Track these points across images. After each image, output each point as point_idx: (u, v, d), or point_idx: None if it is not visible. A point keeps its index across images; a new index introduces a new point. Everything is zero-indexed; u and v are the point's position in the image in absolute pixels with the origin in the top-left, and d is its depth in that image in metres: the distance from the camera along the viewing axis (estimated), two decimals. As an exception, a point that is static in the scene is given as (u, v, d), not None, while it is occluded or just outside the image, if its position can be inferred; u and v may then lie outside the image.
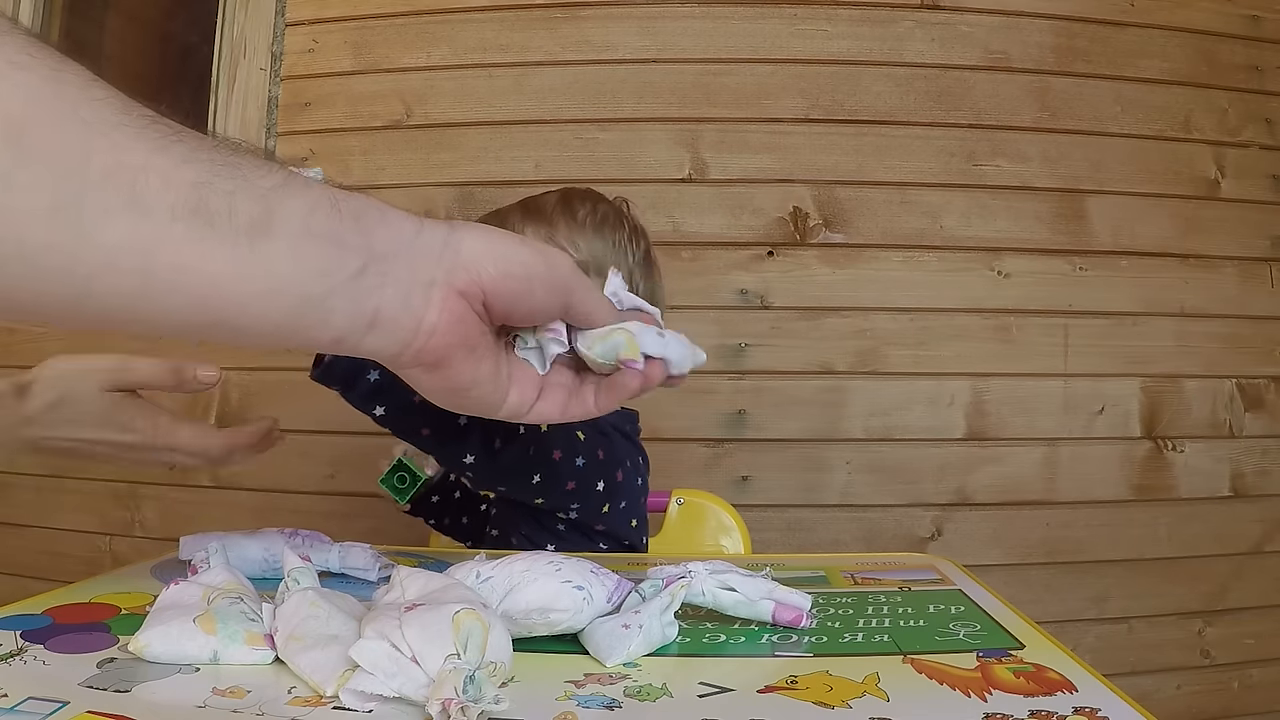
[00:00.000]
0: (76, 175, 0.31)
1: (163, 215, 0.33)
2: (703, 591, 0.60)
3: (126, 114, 0.33)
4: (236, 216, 0.35)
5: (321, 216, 0.38)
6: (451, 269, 0.43)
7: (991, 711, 0.45)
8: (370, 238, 0.40)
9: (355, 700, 0.45)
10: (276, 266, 0.37)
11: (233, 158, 0.36)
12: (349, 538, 0.78)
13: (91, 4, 1.97)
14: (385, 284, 0.41)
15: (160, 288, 0.35)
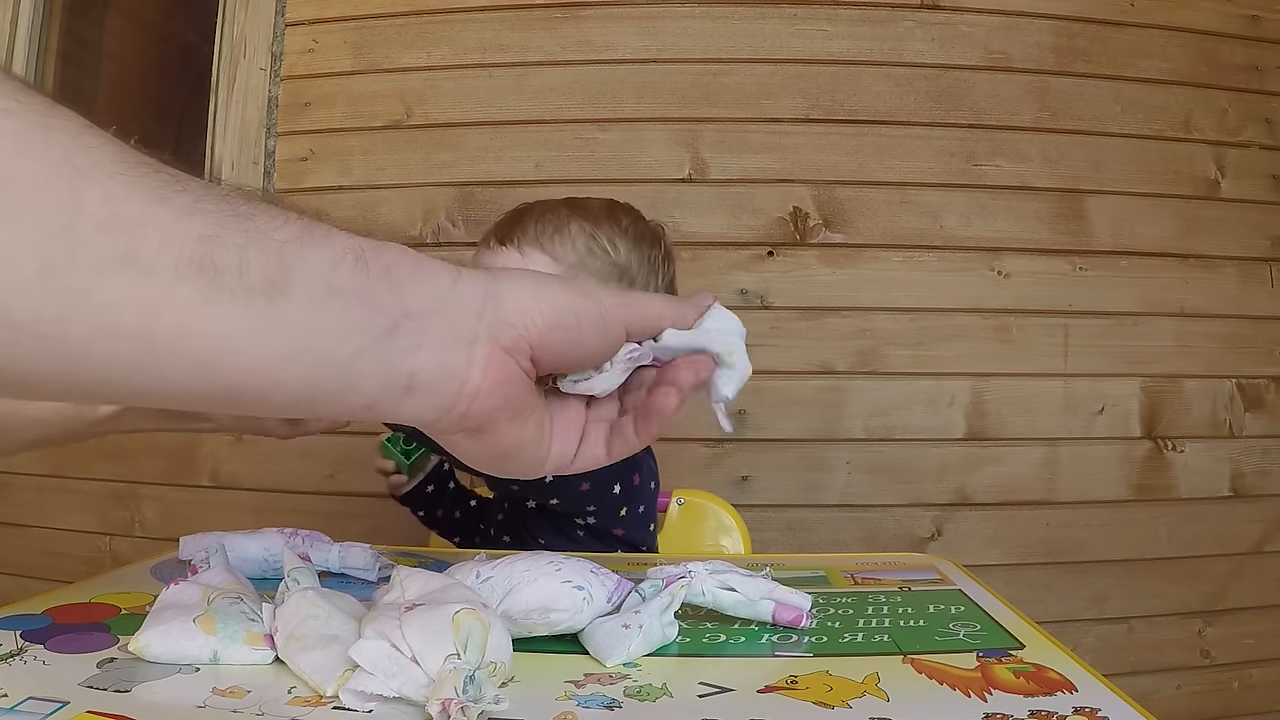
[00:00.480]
0: (67, 230, 0.28)
1: (165, 273, 0.30)
2: (703, 591, 0.60)
3: (123, 162, 0.30)
4: (248, 273, 0.32)
5: (346, 271, 0.35)
6: (495, 324, 0.39)
7: (991, 711, 0.45)
8: (402, 293, 0.37)
9: (355, 700, 0.45)
10: (295, 327, 0.34)
11: (244, 208, 0.33)
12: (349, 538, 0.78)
13: (91, 4, 1.97)
14: (420, 344, 0.37)
15: (164, 353, 0.31)
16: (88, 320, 0.29)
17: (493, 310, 0.39)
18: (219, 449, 1.61)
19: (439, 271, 0.39)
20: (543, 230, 0.96)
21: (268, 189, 1.65)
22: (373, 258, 0.36)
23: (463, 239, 1.57)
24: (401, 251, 0.38)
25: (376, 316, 0.36)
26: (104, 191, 0.29)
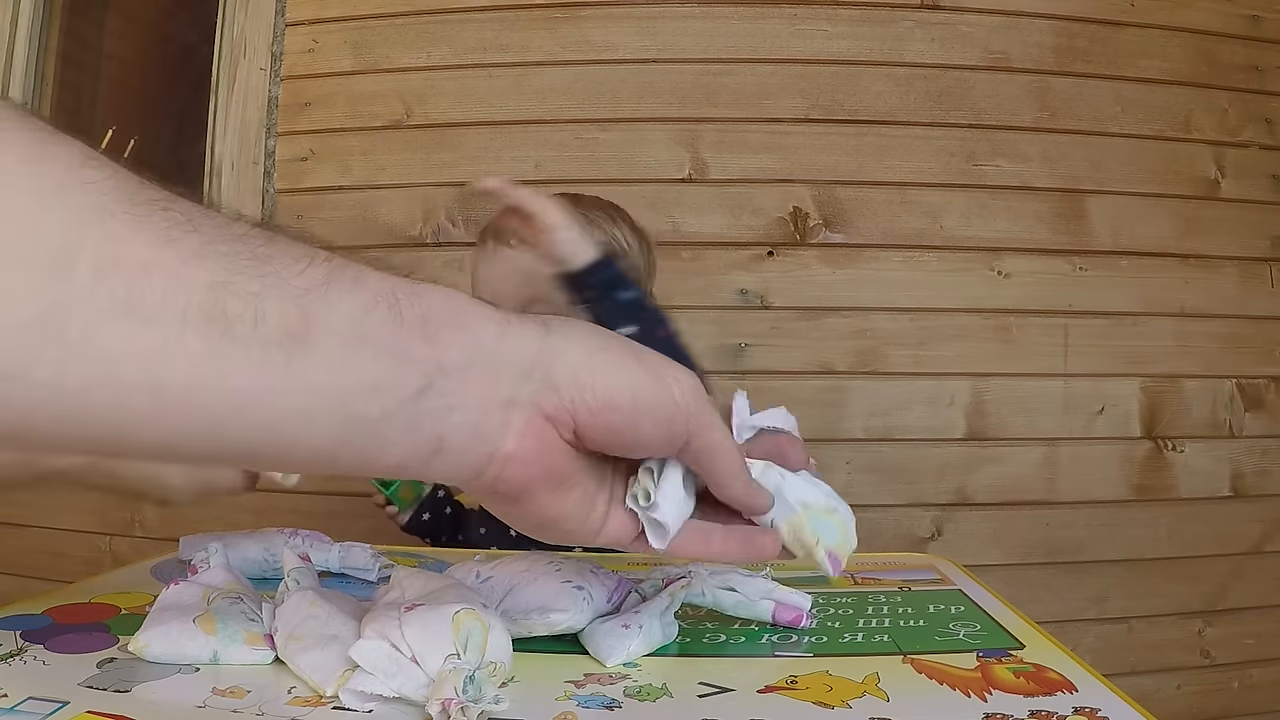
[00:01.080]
0: (61, 275, 0.25)
1: (171, 322, 0.27)
2: (703, 591, 0.60)
3: (127, 198, 0.27)
4: (264, 324, 0.29)
5: (377, 321, 0.31)
6: (539, 390, 0.36)
7: (991, 711, 0.45)
8: (438, 347, 0.33)
9: (355, 700, 0.45)
10: (316, 382, 0.30)
11: (262, 249, 0.30)
12: (349, 538, 0.78)
13: (91, 4, 1.97)
14: (454, 405, 0.34)
15: (174, 406, 0.28)
16: (85, 371, 0.27)
17: (542, 370, 0.36)
18: (219, 449, 1.61)
19: (484, 322, 0.35)
20: None
21: (271, 204, 1.65)
22: (408, 305, 0.33)
23: (463, 239, 1.57)
24: (445, 297, 0.34)
25: (408, 374, 0.33)
26: (103, 233, 0.26)
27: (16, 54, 1.84)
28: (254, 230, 0.30)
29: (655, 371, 0.38)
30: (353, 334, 0.31)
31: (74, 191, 0.26)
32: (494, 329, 0.35)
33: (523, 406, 0.36)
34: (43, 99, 1.89)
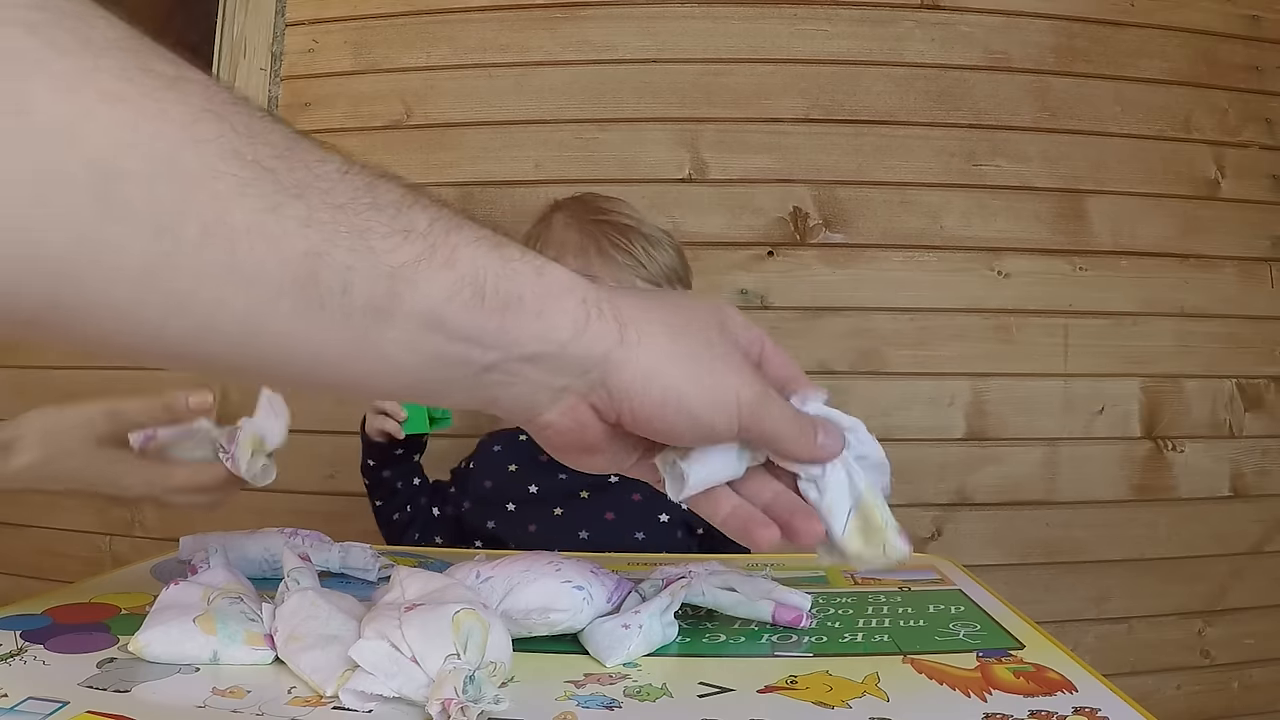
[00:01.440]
0: (169, 234, 0.27)
1: (267, 286, 0.29)
2: (702, 592, 0.60)
3: (237, 158, 0.28)
4: (351, 295, 0.31)
5: (459, 305, 0.33)
6: (592, 387, 0.38)
7: (991, 711, 0.45)
8: (514, 335, 0.35)
9: (355, 700, 0.45)
10: (392, 353, 0.33)
11: (363, 219, 0.31)
12: (349, 538, 0.78)
13: (91, 4, 1.97)
14: (512, 384, 0.37)
15: (261, 354, 0.31)
16: (186, 323, 0.29)
17: (599, 375, 0.38)
18: (219, 449, 1.61)
19: (564, 315, 0.36)
20: (678, 262, 0.97)
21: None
22: (494, 290, 0.34)
23: (463, 239, 1.57)
24: (534, 279, 0.36)
25: (479, 355, 0.35)
26: (210, 194, 0.28)
27: (16, 54, 1.83)
28: (359, 190, 0.31)
29: (720, 384, 0.40)
30: (433, 317, 0.33)
31: (187, 149, 0.27)
32: (570, 327, 0.36)
33: (572, 394, 0.38)
34: (43, 99, 1.89)
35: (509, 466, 1.07)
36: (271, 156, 0.29)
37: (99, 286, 0.27)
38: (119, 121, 0.26)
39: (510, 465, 1.06)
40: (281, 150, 0.30)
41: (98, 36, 0.27)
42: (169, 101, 0.27)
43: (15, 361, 1.75)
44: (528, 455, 1.07)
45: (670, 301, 0.41)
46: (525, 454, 1.08)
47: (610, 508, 1.01)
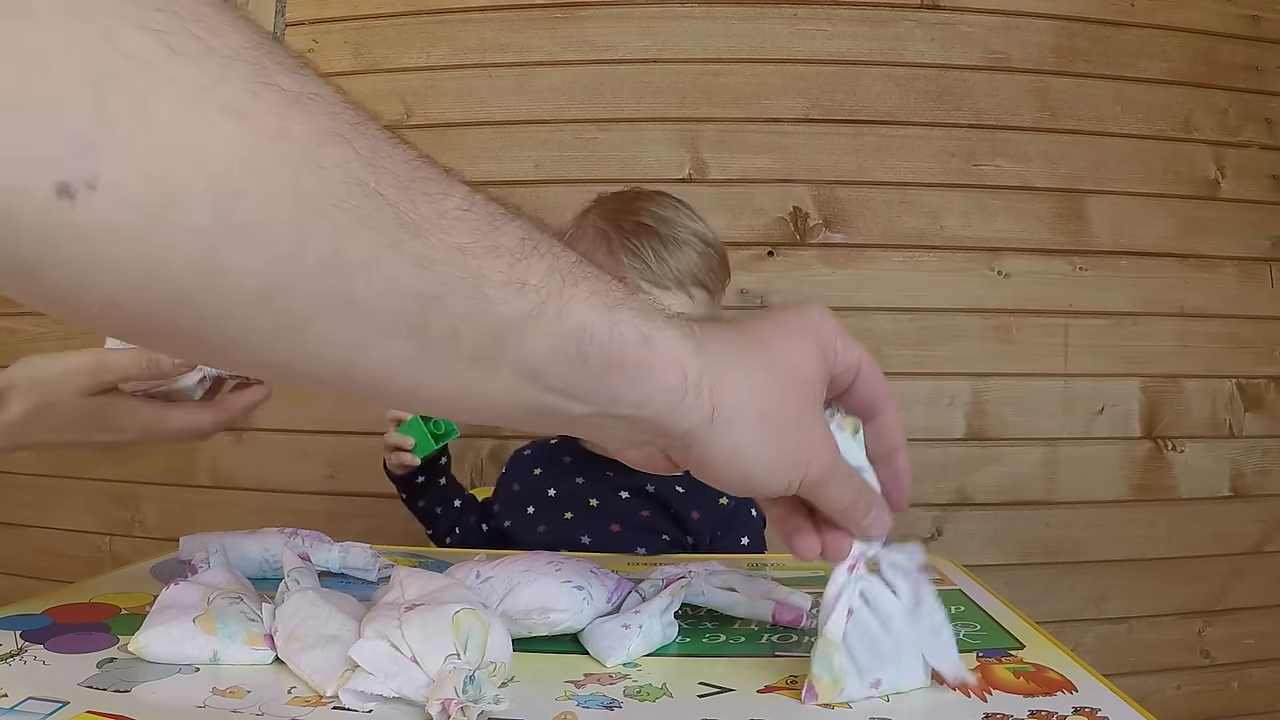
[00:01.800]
0: (289, 260, 0.27)
1: (377, 322, 0.29)
2: (702, 591, 0.60)
3: (360, 187, 0.28)
4: (459, 341, 0.31)
5: (561, 364, 0.33)
6: (672, 443, 0.39)
7: (991, 711, 0.45)
8: (608, 395, 0.35)
9: (355, 700, 0.45)
10: (488, 396, 0.33)
11: (480, 264, 0.31)
12: (349, 538, 0.78)
13: (91, 4, 1.97)
14: (600, 429, 0.37)
15: (363, 381, 0.32)
16: (293, 349, 0.29)
17: (682, 440, 0.38)
18: (219, 449, 1.61)
19: (661, 390, 0.36)
20: (701, 265, 0.97)
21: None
22: (598, 352, 0.34)
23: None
24: (641, 346, 0.35)
25: (571, 406, 0.35)
26: (331, 224, 0.27)
27: (16, 54, 1.84)
28: (479, 230, 0.31)
29: (791, 460, 0.41)
30: (533, 371, 0.33)
31: (308, 175, 0.27)
32: (664, 401, 0.37)
33: (655, 446, 0.40)
34: (43, 99, 1.89)
35: (534, 470, 1.09)
36: (394, 187, 0.29)
37: (212, 306, 0.27)
38: (242, 139, 0.25)
39: (536, 469, 1.08)
40: (405, 180, 0.29)
41: (222, 44, 0.25)
42: (293, 120, 0.26)
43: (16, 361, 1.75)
44: (552, 459, 1.09)
45: (771, 362, 0.41)
46: (550, 458, 1.10)
47: (617, 520, 1.02)
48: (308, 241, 0.27)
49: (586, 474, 1.05)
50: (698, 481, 0.42)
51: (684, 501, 1.01)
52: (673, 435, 0.38)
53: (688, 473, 0.41)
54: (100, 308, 0.26)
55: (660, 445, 0.40)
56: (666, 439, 0.39)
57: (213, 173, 0.25)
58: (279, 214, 0.26)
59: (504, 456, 1.54)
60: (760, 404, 0.39)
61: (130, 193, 0.24)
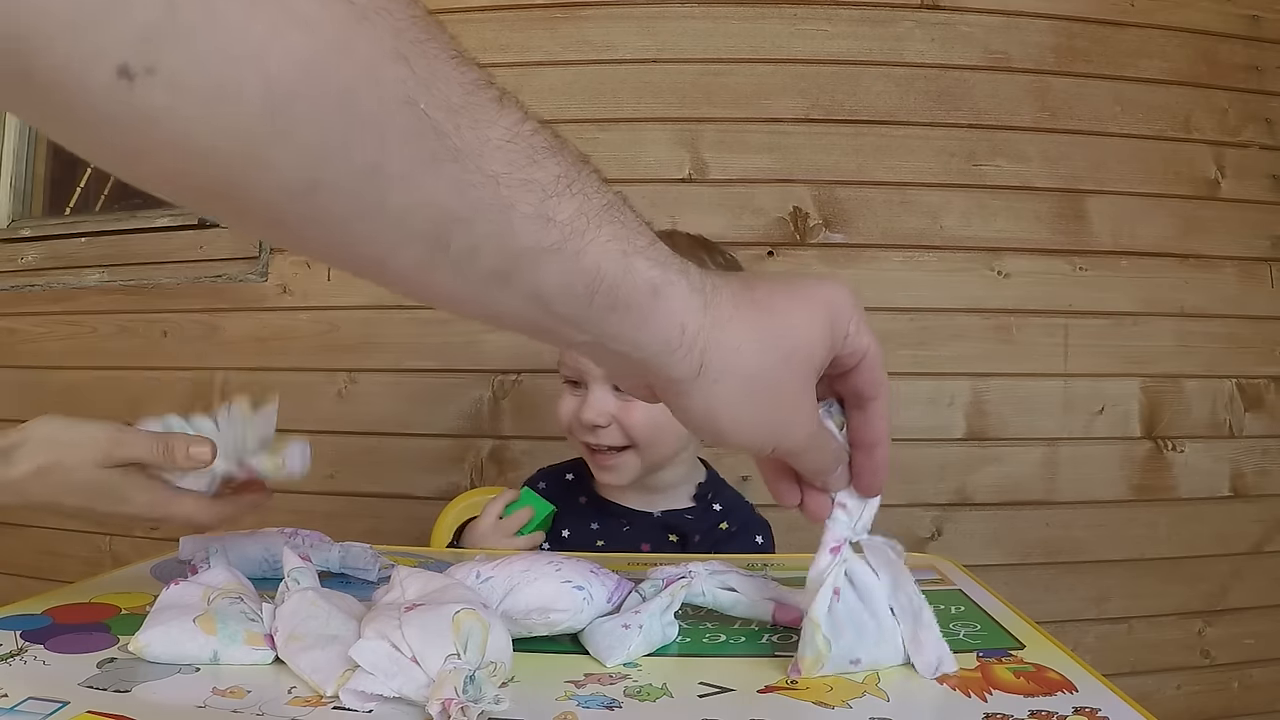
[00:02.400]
0: (329, 166, 0.29)
1: (405, 233, 0.32)
2: (703, 591, 0.60)
3: (410, 106, 0.30)
4: (477, 260, 0.33)
5: (568, 296, 0.36)
6: (660, 389, 0.41)
7: (991, 711, 0.45)
8: (609, 332, 0.38)
9: (355, 700, 0.45)
10: (496, 308, 0.36)
11: (512, 194, 0.33)
12: (349, 538, 0.78)
13: (91, 4, 1.97)
14: (595, 355, 0.40)
15: (385, 278, 0.34)
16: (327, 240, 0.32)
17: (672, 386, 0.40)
18: (219, 449, 1.61)
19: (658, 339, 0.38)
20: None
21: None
22: (606, 292, 0.36)
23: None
24: (650, 297, 0.37)
25: (572, 333, 0.37)
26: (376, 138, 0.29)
27: (16, 54, 1.83)
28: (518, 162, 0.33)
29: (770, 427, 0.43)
30: (541, 297, 0.35)
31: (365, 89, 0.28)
32: (660, 348, 0.39)
33: (641, 379, 0.41)
34: (43, 99, 1.89)
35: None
36: (444, 109, 0.31)
37: (256, 195, 0.29)
38: (303, 48, 0.27)
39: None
40: (456, 104, 0.31)
41: None
42: (358, 36, 0.28)
43: (15, 361, 1.75)
44: (569, 498, 1.07)
45: (773, 330, 0.42)
46: (567, 496, 1.07)
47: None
48: (351, 151, 0.29)
49: (601, 520, 1.04)
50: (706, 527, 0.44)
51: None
52: (660, 379, 0.40)
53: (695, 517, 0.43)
54: (153, 179, 0.29)
55: (648, 383, 0.41)
56: (654, 380, 0.40)
57: (269, 75, 0.26)
58: (328, 122, 0.28)
59: (505, 456, 1.54)
60: (749, 369, 0.41)
61: (185, 83, 0.25)
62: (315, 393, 1.59)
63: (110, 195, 1.93)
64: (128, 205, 1.85)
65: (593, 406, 0.96)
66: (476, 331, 1.56)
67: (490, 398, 1.56)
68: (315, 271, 1.61)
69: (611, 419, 0.96)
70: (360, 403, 1.59)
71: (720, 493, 1.05)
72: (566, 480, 1.10)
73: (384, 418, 1.58)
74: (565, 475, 1.10)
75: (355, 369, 1.59)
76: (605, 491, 1.05)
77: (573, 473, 1.10)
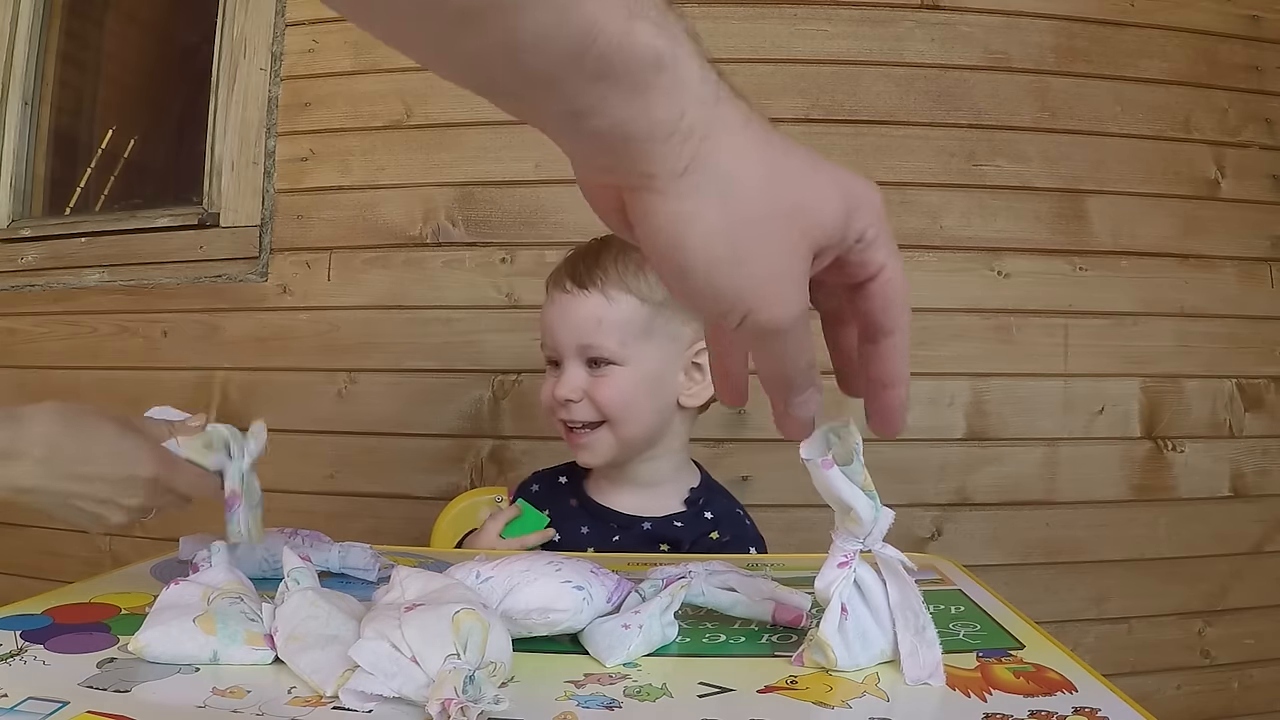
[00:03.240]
0: None
1: None
2: (702, 591, 0.60)
3: None
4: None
5: (551, 54, 0.30)
6: (629, 187, 0.34)
7: (991, 711, 0.45)
8: (592, 104, 0.31)
9: (355, 700, 0.45)
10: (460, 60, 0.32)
11: None
12: (349, 538, 0.78)
13: (91, 4, 1.97)
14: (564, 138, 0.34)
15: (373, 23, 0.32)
16: None
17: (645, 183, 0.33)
18: (219, 449, 1.61)
19: (658, 113, 0.32)
20: (625, 269, 0.97)
21: (271, 204, 1.65)
22: (599, 55, 0.30)
23: (463, 239, 1.57)
24: (652, 67, 0.32)
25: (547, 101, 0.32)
26: None
27: (16, 54, 1.84)
28: None
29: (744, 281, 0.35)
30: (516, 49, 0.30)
31: None
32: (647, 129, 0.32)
33: (610, 173, 0.34)
34: (43, 99, 1.89)
35: (543, 510, 1.06)
36: None
37: None
38: None
39: (544, 510, 1.06)
40: None
41: None
42: None
43: (15, 361, 1.75)
44: (560, 501, 1.06)
45: (780, 171, 0.36)
46: (559, 499, 1.06)
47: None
48: None
49: (591, 524, 1.03)
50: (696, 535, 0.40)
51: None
52: (634, 173, 0.33)
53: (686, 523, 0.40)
54: None
55: (616, 181, 0.34)
56: (627, 175, 0.33)
57: None
58: None
59: (504, 456, 1.54)
60: (743, 193, 0.34)
61: None
62: (315, 393, 1.59)
63: (110, 195, 1.93)
64: (128, 205, 1.85)
65: (565, 382, 0.97)
66: (477, 331, 1.56)
67: (490, 398, 1.56)
68: (315, 271, 1.61)
69: (583, 394, 0.97)
70: (360, 403, 1.59)
71: (713, 500, 1.04)
72: (559, 483, 1.09)
73: (384, 418, 1.58)
74: (559, 478, 1.10)
75: (355, 369, 1.59)
76: (596, 494, 1.05)
77: (566, 475, 1.10)
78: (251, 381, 1.61)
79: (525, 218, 1.56)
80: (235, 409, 1.61)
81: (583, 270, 0.98)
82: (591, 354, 0.97)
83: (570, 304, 0.97)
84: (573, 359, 0.98)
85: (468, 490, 1.39)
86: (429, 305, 1.57)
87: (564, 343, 0.98)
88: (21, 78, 1.84)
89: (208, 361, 1.64)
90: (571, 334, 0.98)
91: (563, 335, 0.98)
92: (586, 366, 0.97)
